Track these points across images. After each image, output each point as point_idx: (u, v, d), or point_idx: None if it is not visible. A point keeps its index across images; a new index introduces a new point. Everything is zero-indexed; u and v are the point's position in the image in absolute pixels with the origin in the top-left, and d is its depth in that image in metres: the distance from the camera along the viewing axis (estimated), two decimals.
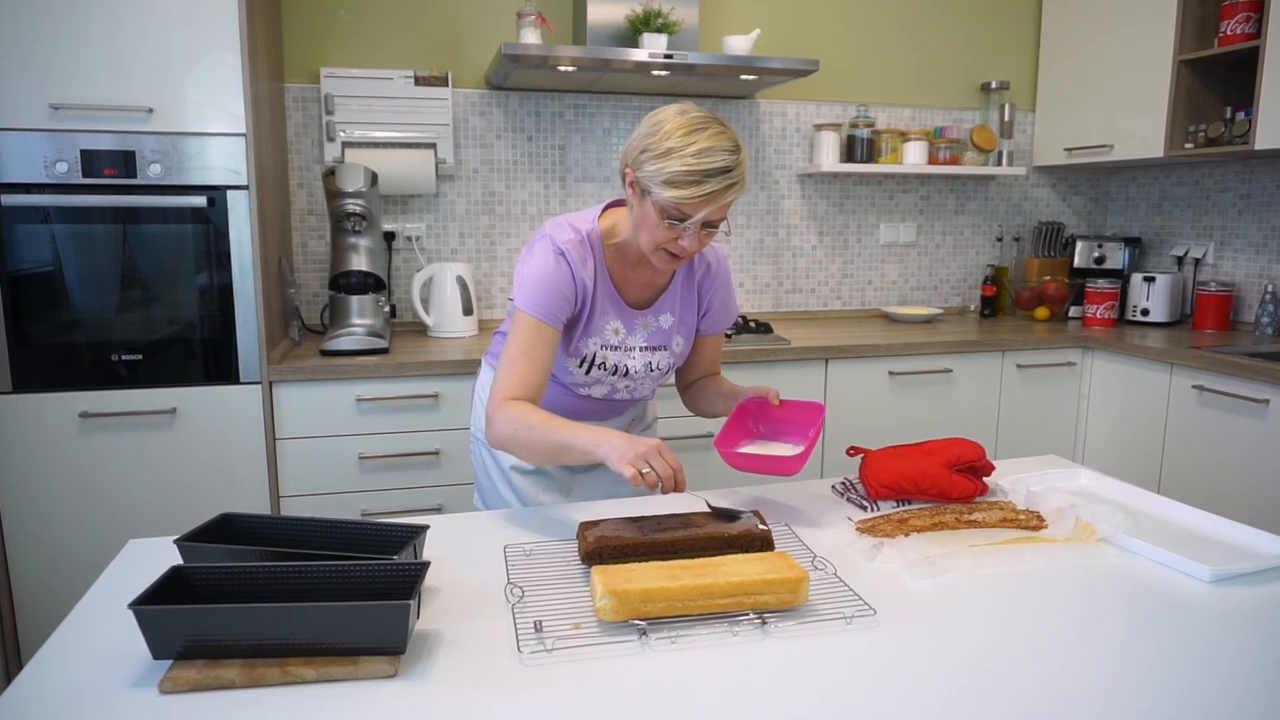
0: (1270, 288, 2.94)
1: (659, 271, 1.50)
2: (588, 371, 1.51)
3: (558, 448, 1.32)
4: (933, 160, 3.26)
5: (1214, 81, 2.92)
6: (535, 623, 1.00)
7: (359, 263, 2.54)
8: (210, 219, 2.20)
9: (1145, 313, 3.19)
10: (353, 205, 2.50)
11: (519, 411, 1.35)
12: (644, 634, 0.98)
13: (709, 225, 1.35)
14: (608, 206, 1.52)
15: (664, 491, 1.23)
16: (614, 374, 1.52)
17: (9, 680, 2.17)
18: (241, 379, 2.27)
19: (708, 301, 1.59)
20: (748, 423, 1.53)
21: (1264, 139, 2.64)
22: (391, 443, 2.38)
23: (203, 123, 2.16)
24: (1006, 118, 3.33)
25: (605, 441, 1.27)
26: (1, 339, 2.12)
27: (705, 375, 1.69)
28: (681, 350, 1.58)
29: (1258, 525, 1.32)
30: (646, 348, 1.53)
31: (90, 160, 2.11)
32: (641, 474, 1.21)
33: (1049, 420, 2.99)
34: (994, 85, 3.39)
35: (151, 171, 2.14)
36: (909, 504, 1.42)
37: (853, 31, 3.28)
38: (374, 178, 2.56)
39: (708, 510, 1.27)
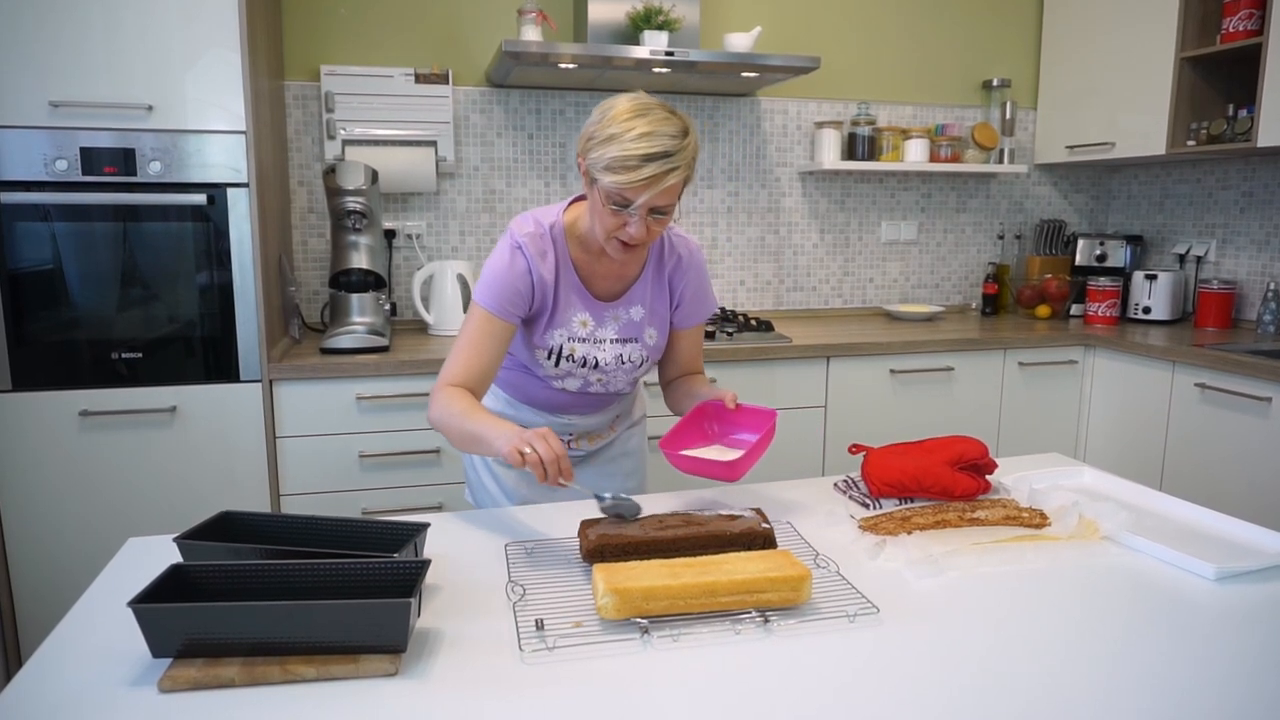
0: (1272, 285, 2.94)
1: (625, 263, 1.49)
2: (556, 364, 1.51)
3: (469, 437, 1.34)
4: (934, 158, 3.25)
5: (1216, 79, 2.91)
6: (536, 621, 1.00)
7: (359, 261, 2.54)
8: (210, 217, 2.19)
9: (1147, 311, 3.19)
10: (353, 203, 2.50)
11: (448, 398, 1.38)
12: (646, 632, 0.98)
13: (656, 212, 1.34)
14: (575, 200, 1.52)
15: (550, 479, 1.21)
16: (584, 366, 1.51)
17: (9, 678, 2.17)
18: (242, 377, 2.26)
19: (679, 293, 1.57)
20: (704, 425, 1.51)
21: (1266, 136, 2.63)
22: (392, 441, 2.38)
23: (203, 120, 2.15)
24: (1008, 115, 3.32)
25: (501, 434, 1.27)
26: (1, 337, 2.11)
27: (685, 373, 1.65)
28: (656, 343, 1.57)
29: (1260, 523, 1.32)
30: (617, 340, 1.52)
31: (90, 158, 2.10)
32: (523, 454, 1.20)
33: (1051, 418, 2.98)
34: (995, 83, 3.38)
35: (151, 169, 2.14)
36: (911, 502, 1.42)
37: (854, 29, 3.27)
38: (374, 175, 2.55)
39: (600, 508, 1.27)
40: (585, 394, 1.59)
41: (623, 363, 1.54)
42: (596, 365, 1.52)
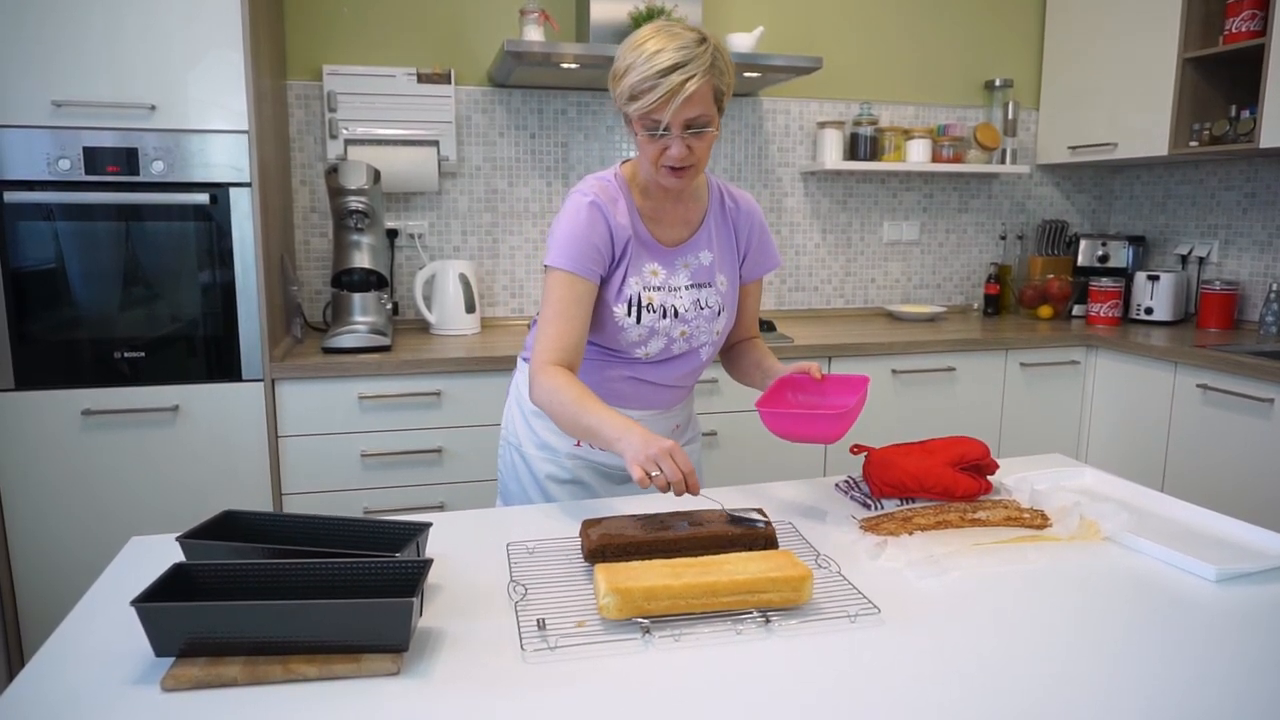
0: (1275, 286, 2.93)
1: (688, 205, 1.51)
2: (638, 319, 1.47)
3: (586, 429, 1.33)
4: (936, 158, 3.25)
5: (1218, 79, 2.91)
6: (538, 620, 1.00)
7: (361, 260, 2.54)
8: (213, 216, 2.20)
9: (1149, 311, 3.19)
10: (355, 202, 2.50)
11: (557, 382, 1.36)
12: (647, 632, 0.98)
13: (692, 128, 1.34)
14: (626, 161, 1.54)
15: (676, 494, 1.22)
16: (664, 317, 1.48)
17: (11, 677, 2.18)
18: (244, 376, 2.27)
19: (745, 240, 1.57)
20: (787, 396, 1.49)
21: (1269, 137, 2.63)
22: (394, 440, 2.38)
23: (205, 120, 2.15)
24: (1010, 115, 3.32)
25: (625, 436, 1.26)
26: (4, 336, 2.12)
27: (745, 339, 1.67)
28: (728, 292, 1.55)
29: (1262, 524, 1.32)
30: (692, 285, 1.51)
31: (93, 157, 2.10)
32: (651, 476, 1.20)
33: (1052, 419, 2.98)
34: (998, 83, 3.38)
35: (154, 169, 2.14)
36: (913, 502, 1.42)
37: (856, 29, 3.27)
38: (376, 175, 2.56)
39: (718, 510, 1.24)
40: (658, 375, 1.53)
41: (701, 308, 1.51)
42: (677, 314, 1.49)
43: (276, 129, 2.54)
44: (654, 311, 1.48)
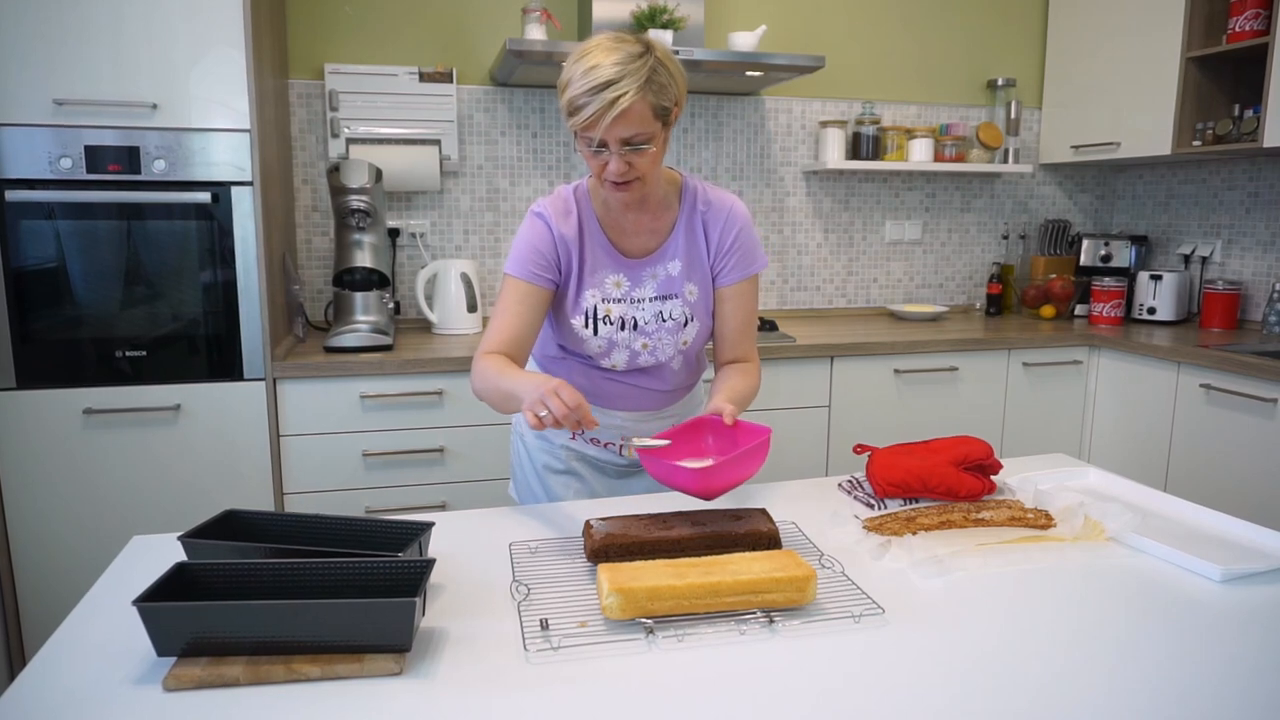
0: (1278, 286, 2.93)
1: (656, 214, 1.48)
2: (595, 331, 1.47)
3: (504, 395, 1.33)
4: (938, 157, 3.25)
5: (1222, 79, 2.90)
6: (541, 620, 1.00)
7: (363, 259, 2.54)
8: (214, 215, 2.20)
9: (1152, 311, 3.18)
10: (357, 202, 2.50)
11: (484, 364, 1.39)
12: (651, 632, 0.98)
13: (629, 145, 1.31)
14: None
15: (569, 428, 1.20)
16: (623, 329, 1.48)
17: (13, 676, 2.17)
18: (245, 376, 2.26)
19: (715, 242, 1.50)
20: (701, 439, 1.37)
21: (1272, 137, 2.62)
22: (396, 439, 2.38)
23: (207, 118, 2.15)
24: (1013, 115, 3.32)
25: (524, 387, 1.26)
26: (6, 335, 2.12)
27: (733, 358, 1.55)
28: (698, 300, 1.50)
29: (1266, 524, 1.32)
30: (657, 297, 1.49)
31: (95, 156, 2.10)
32: (540, 417, 1.19)
33: (1055, 419, 2.98)
34: (1000, 82, 3.37)
35: (156, 167, 2.14)
36: (916, 502, 1.42)
37: (858, 28, 3.27)
38: (378, 174, 2.56)
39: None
40: (639, 380, 1.54)
41: (664, 320, 1.49)
42: (636, 326, 1.48)
43: (278, 128, 2.54)
44: (612, 324, 1.47)
